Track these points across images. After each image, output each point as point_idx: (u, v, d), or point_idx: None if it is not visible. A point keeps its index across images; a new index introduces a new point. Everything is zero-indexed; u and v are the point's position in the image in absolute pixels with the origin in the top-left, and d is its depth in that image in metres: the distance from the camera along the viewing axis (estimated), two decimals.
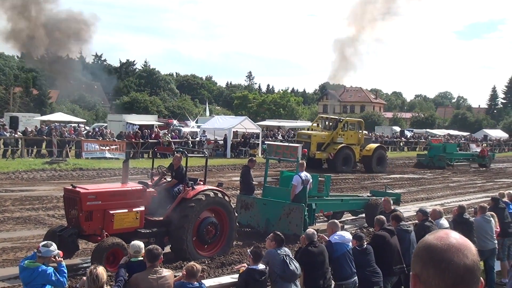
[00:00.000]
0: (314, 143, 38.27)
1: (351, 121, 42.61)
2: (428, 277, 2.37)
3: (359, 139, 40.34)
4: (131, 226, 13.07)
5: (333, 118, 42.78)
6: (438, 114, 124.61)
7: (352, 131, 40.51)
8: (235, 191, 24.99)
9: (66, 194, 13.14)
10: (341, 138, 39.19)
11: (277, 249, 9.15)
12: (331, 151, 38.33)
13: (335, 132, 39.49)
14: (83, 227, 12.51)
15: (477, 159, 48.36)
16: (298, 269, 8.96)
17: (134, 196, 13.21)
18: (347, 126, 40.75)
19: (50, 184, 27.04)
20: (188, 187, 14.09)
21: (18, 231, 16.81)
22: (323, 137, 38.90)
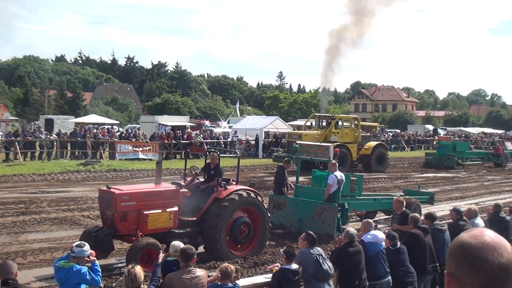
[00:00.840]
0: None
1: (345, 118, 40.22)
2: (462, 275, 2.34)
3: (356, 137, 38.10)
4: (165, 226, 13.18)
5: (327, 116, 40.08)
6: (472, 112, 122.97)
7: (348, 128, 38.14)
8: (267, 191, 25.02)
9: (101, 195, 13.31)
10: (335, 136, 36.87)
11: (309, 249, 9.14)
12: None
13: (327, 130, 37.11)
14: (118, 228, 12.66)
15: (491, 158, 45.87)
16: (331, 268, 8.93)
17: (168, 196, 13.31)
18: (342, 124, 38.44)
19: (85, 185, 27.41)
20: (221, 187, 14.17)
21: (55, 232, 17.07)
22: (315, 136, 35.90)
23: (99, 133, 41.96)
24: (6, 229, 17.17)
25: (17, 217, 18.79)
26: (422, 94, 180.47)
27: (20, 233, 16.69)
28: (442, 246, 10.72)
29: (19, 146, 36.66)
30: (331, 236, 16.06)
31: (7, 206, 20.68)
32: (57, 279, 7.91)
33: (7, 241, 15.70)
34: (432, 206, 21.38)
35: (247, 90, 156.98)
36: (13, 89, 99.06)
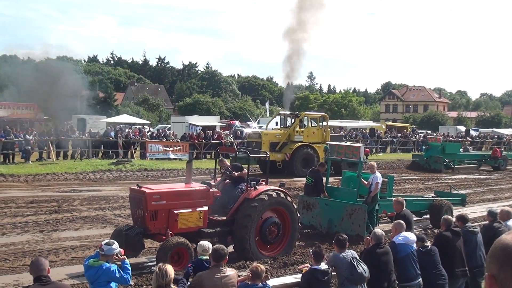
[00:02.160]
0: (266, 143, 33.24)
1: (311, 116, 37.16)
2: (505, 279, 2.26)
3: (324, 136, 35.38)
4: (195, 226, 13.22)
5: (291, 113, 37.34)
6: (504, 113, 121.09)
7: (314, 127, 35.47)
8: (296, 192, 24.97)
9: (132, 194, 13.41)
10: (300, 136, 34.29)
11: (342, 252, 9.05)
12: (287, 151, 33.37)
13: (291, 129, 34.57)
14: (148, 226, 12.74)
15: (488, 161, 42.19)
16: (367, 271, 8.79)
17: (198, 196, 13.36)
18: (308, 122, 35.96)
19: (116, 184, 27.67)
20: (250, 187, 14.16)
21: (86, 230, 17.27)
22: (277, 136, 34.02)
23: (131, 133, 42.35)
24: (39, 227, 17.43)
25: (50, 215, 19.05)
26: (454, 94, 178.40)
27: (52, 231, 16.92)
28: (474, 248, 10.57)
29: (52, 146, 37.16)
30: (361, 237, 15.94)
31: (40, 204, 20.99)
32: (87, 277, 7.97)
33: (40, 238, 15.93)
34: (464, 208, 21.11)
35: (277, 91, 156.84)
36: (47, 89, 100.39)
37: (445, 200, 19.80)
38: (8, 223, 17.70)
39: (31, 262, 6.74)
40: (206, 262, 8.83)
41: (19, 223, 17.76)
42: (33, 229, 17.13)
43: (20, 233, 16.60)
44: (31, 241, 15.55)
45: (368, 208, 16.71)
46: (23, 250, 14.45)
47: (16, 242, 15.41)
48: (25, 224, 17.63)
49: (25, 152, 35.68)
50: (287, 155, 33.14)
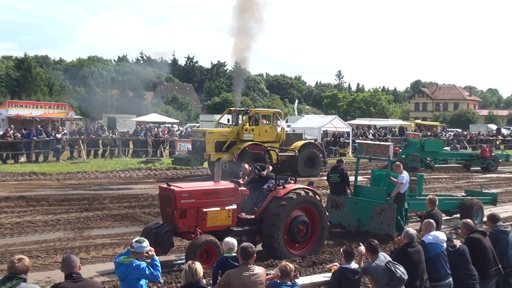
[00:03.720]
0: (211, 142, 30.59)
1: (264, 113, 34.44)
2: None
3: (278, 135, 33.08)
4: (224, 224, 13.25)
5: (241, 110, 34.11)
6: None
7: (267, 125, 32.75)
8: (325, 190, 24.88)
9: (161, 193, 13.48)
10: (250, 134, 31.68)
11: (375, 259, 8.90)
12: (235, 151, 30.71)
13: (239, 126, 31.75)
14: (177, 225, 12.80)
15: (476, 161, 39.11)
16: (405, 273, 8.63)
17: (227, 194, 13.38)
18: (259, 119, 32.89)
19: (145, 182, 27.89)
20: (279, 186, 14.14)
21: (116, 228, 17.42)
22: (224, 134, 31.39)
23: (160, 131, 42.63)
24: (70, 224, 17.65)
25: (81, 213, 19.28)
26: (484, 92, 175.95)
27: (83, 229, 17.12)
28: (506, 247, 10.42)
29: (83, 144, 37.59)
30: (390, 236, 15.83)
31: (71, 202, 21.25)
32: (118, 274, 8.03)
33: (71, 236, 16.12)
34: (495, 207, 20.81)
35: (305, 89, 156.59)
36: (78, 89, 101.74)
37: (475, 199, 19.55)
38: (40, 220, 17.96)
39: (63, 259, 6.82)
40: (231, 260, 8.82)
41: (50, 220, 18.01)
42: (64, 226, 17.36)
43: (51, 230, 16.83)
44: (62, 239, 15.75)
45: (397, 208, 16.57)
46: (54, 248, 14.64)
47: (48, 239, 15.64)
48: (57, 222, 17.87)
49: (56, 151, 36.18)
50: (234, 156, 30.33)
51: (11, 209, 19.65)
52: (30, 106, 50.93)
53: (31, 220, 17.97)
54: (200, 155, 30.37)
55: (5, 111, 46.94)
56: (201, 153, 30.40)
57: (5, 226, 17.07)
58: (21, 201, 21.28)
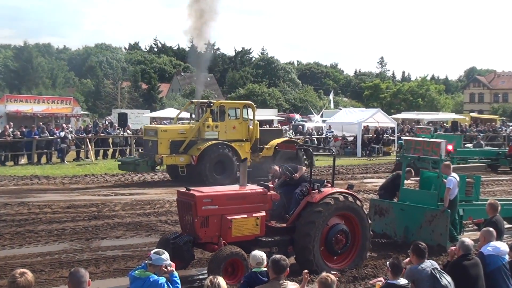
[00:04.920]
0: (164, 142, 29.15)
1: (230, 105, 32.34)
2: None
3: (250, 132, 31.17)
4: (251, 234, 13.22)
5: (203, 102, 32.26)
6: None
7: (236, 120, 30.96)
8: (367, 195, 24.76)
9: (179, 198, 13.50)
10: (214, 131, 30.05)
11: (420, 263, 8.85)
12: (194, 152, 29.23)
13: (200, 122, 30.13)
14: (198, 234, 12.81)
15: (503, 160, 37.39)
16: (451, 283, 8.57)
17: (254, 199, 13.36)
18: (225, 113, 30.81)
19: (162, 186, 28.04)
20: (314, 190, 14.07)
21: (129, 238, 17.52)
22: (181, 132, 29.92)
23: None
24: (77, 234, 17.79)
25: (89, 222, 19.43)
26: None
27: (92, 239, 17.24)
28: None
29: (91, 144, 37.92)
30: (443, 247, 15.65)
31: (78, 209, 21.44)
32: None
33: (79, 247, 16.25)
34: None
35: (343, 79, 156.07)
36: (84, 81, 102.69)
37: None
38: (43, 230, 18.14)
39: (70, 274, 6.84)
40: (260, 275, 8.80)
41: (55, 230, 18.17)
42: (70, 237, 17.50)
43: (56, 241, 16.98)
44: (68, 251, 15.87)
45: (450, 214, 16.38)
46: (60, 261, 14.76)
47: (52, 251, 15.76)
48: (62, 232, 18.03)
49: (60, 151, 36.56)
50: (193, 158, 29.02)
51: (11, 217, 19.84)
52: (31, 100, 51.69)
53: (33, 230, 18.13)
54: (151, 158, 29.23)
55: (3, 107, 47.61)
56: (152, 156, 29.17)
57: (5, 237, 17.24)
58: (22, 208, 21.52)
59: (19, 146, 35.66)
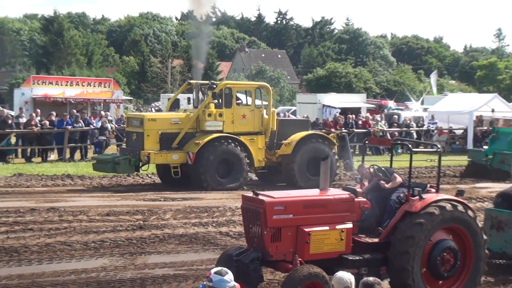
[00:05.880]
0: (153, 134, 28.15)
1: (239, 87, 31.73)
2: None
3: (265, 122, 29.98)
4: (334, 250, 13.16)
5: (205, 83, 30.94)
6: None
7: (246, 107, 30.06)
8: (480, 203, 24.41)
9: (245, 204, 13.52)
10: (217, 121, 28.78)
11: None
12: (191, 149, 28.19)
13: (199, 110, 29.05)
14: (268, 250, 12.80)
15: None
16: None
17: (339, 207, 13.28)
18: (231, 98, 29.65)
19: (222, 190, 28.11)
20: (414, 196, 13.91)
21: (182, 254, 17.65)
22: (174, 122, 28.84)
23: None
24: (119, 248, 18.03)
25: (133, 233, 19.71)
26: None
27: (137, 254, 17.44)
28: None
29: None
30: None
31: (120, 217, 21.76)
32: None
33: (121, 264, 16.47)
34: None
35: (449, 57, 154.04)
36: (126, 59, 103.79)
37: None
38: (77, 242, 18.46)
39: None
40: None
41: (92, 242, 18.46)
42: (110, 250, 17.75)
43: (93, 256, 17.24)
44: (108, 268, 16.09)
45: None
46: (98, 280, 15.00)
47: (89, 268, 15.98)
48: (100, 244, 18.28)
49: (98, 145, 37.09)
50: (189, 156, 28.01)
51: (39, 226, 20.23)
52: (62, 83, 52.30)
53: (65, 241, 18.46)
54: (135, 156, 28.28)
55: (29, 91, 48.29)
56: (136, 152, 28.21)
57: (31, 249, 17.56)
58: (52, 214, 21.95)
59: (48, 138, 36.15)
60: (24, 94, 47.67)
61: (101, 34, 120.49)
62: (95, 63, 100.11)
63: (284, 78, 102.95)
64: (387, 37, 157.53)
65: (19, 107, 43.53)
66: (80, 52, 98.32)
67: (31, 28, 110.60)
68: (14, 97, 52.47)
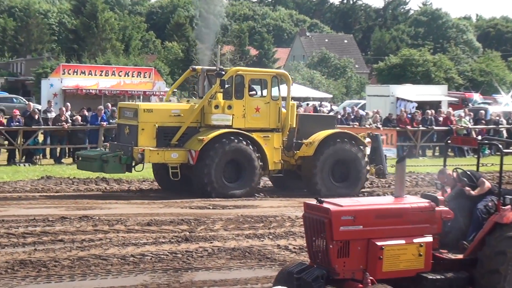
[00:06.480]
0: (148, 128, 27.54)
1: (253, 75, 30.17)
2: None
3: (283, 117, 29.14)
4: (411, 268, 13.09)
5: (212, 70, 30.10)
6: None
7: (260, 99, 29.53)
8: None
9: (307, 214, 13.49)
10: (224, 115, 28.02)
11: None
12: (193, 146, 27.52)
13: (204, 100, 28.39)
14: (334, 267, 12.76)
15: None
16: None
17: (417, 218, 13.20)
18: (243, 87, 28.84)
19: (279, 196, 28.10)
20: (505, 205, 13.78)
21: (234, 270, 17.66)
22: (174, 114, 28.33)
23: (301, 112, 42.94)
24: (162, 263, 18.09)
25: (178, 245, 19.77)
26: None
27: (182, 270, 17.47)
28: None
29: None
30: None
31: (163, 227, 21.87)
32: None
33: (164, 281, 16.50)
34: None
35: None
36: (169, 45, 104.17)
37: None
38: (114, 255, 18.56)
39: None
40: None
41: (130, 256, 18.54)
42: (152, 266, 17.82)
43: (132, 272, 17.31)
44: (149, 285, 16.15)
45: None
46: None
47: (127, 286, 16.09)
48: (140, 259, 18.35)
49: None
50: (191, 155, 27.39)
51: (70, 237, 20.41)
52: (96, 72, 52.58)
53: (100, 255, 18.55)
54: (127, 153, 27.62)
55: (59, 81, 48.69)
56: (129, 149, 27.56)
57: (62, 263, 17.68)
58: (85, 223, 22.11)
59: (80, 136, 36.43)
60: (53, 85, 47.98)
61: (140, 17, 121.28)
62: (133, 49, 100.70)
63: (351, 67, 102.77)
64: (471, 19, 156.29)
65: (47, 100, 43.94)
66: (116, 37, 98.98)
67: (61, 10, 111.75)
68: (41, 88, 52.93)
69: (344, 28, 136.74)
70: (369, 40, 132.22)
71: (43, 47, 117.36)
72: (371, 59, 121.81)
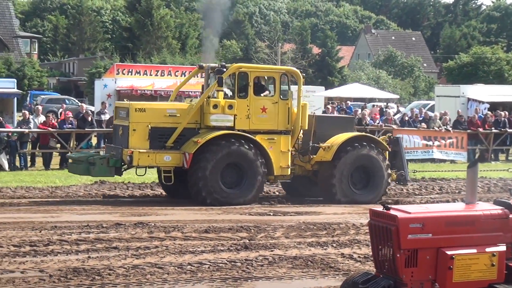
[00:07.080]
0: (140, 128, 26.76)
1: (258, 72, 29.45)
2: None
3: (293, 117, 28.12)
4: (483, 279, 12.99)
5: (214, 66, 28.99)
6: None
7: (267, 98, 28.24)
8: None
9: (373, 221, 13.47)
10: (225, 115, 27.07)
11: None
12: (188, 149, 26.64)
13: (202, 98, 27.68)
14: (402, 277, 12.72)
15: None
16: None
17: (489, 226, 13.11)
18: (248, 85, 27.94)
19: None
20: None
21: (296, 280, 17.62)
22: (170, 114, 27.52)
23: (366, 115, 42.84)
24: (220, 271, 18.14)
25: (237, 253, 19.83)
26: None
27: (241, 280, 17.50)
28: None
29: None
30: None
31: (221, 235, 21.94)
32: None
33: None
34: None
35: None
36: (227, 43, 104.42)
37: None
38: (171, 263, 18.65)
39: None
40: None
41: (188, 264, 18.61)
42: (210, 274, 17.86)
43: (189, 281, 17.36)
44: None
45: None
46: None
47: None
48: (198, 267, 18.39)
49: None
50: (186, 158, 26.55)
51: (125, 244, 20.56)
52: (151, 72, 52.84)
53: (156, 263, 18.67)
54: (117, 155, 27.26)
55: (112, 82, 49.03)
56: (119, 151, 27.16)
57: (117, 272, 17.79)
58: (140, 230, 22.28)
59: None
60: (107, 85, 48.30)
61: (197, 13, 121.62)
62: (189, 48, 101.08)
63: (419, 66, 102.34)
64: None
65: (101, 102, 44.35)
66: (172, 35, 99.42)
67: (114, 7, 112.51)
68: (94, 89, 53.49)
69: (412, 25, 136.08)
70: (438, 37, 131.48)
71: (96, 46, 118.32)
72: (440, 57, 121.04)
